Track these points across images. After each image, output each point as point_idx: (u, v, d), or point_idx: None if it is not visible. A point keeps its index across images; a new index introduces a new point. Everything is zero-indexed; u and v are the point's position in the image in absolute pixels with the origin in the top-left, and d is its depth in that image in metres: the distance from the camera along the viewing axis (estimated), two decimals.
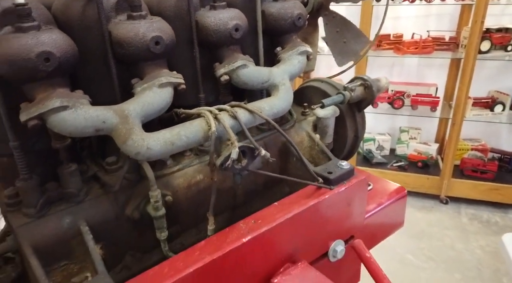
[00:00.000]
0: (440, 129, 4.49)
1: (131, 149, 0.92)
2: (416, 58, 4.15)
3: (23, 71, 0.81)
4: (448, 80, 4.17)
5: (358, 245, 1.06)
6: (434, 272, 3.31)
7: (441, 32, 3.85)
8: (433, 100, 3.97)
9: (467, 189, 3.99)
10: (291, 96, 1.19)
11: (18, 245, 0.95)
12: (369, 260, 1.02)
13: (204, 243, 1.05)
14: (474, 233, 3.75)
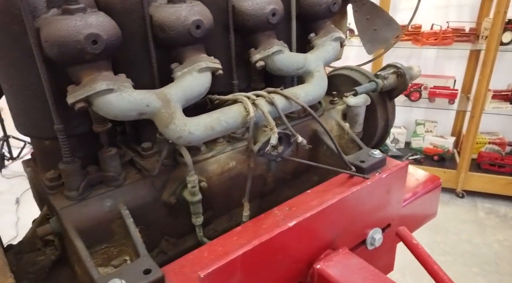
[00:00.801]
0: (456, 122, 4.44)
1: (173, 133, 0.92)
2: (434, 50, 4.10)
3: (71, 53, 0.81)
4: (466, 72, 4.12)
5: (403, 232, 1.06)
6: (451, 265, 3.29)
7: (461, 23, 3.80)
8: (451, 93, 3.92)
9: (484, 183, 3.95)
10: (326, 83, 1.18)
11: (61, 227, 0.96)
12: (417, 246, 1.02)
13: (241, 228, 1.06)
14: (492, 227, 3.72)
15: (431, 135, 4.46)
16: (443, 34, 3.61)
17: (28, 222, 1.09)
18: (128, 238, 1.01)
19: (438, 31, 3.63)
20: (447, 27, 3.74)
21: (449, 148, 4.31)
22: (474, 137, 3.80)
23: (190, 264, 0.94)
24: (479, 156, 4.08)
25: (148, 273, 0.85)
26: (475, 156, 4.09)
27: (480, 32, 3.67)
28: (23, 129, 0.97)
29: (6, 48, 0.86)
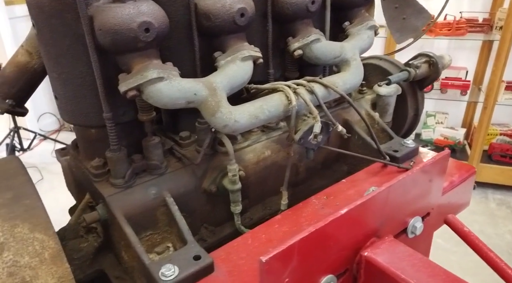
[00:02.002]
0: (467, 113, 4.43)
1: (220, 122, 0.93)
2: (446, 41, 4.08)
3: (125, 41, 0.82)
4: (478, 63, 4.10)
5: (453, 220, 1.07)
6: (464, 255, 3.30)
7: (474, 14, 3.77)
8: (463, 84, 3.90)
9: (495, 174, 3.95)
10: (362, 72, 1.19)
11: (108, 214, 0.97)
12: (469, 234, 1.03)
13: (280, 217, 1.07)
14: (503, 218, 3.73)
15: (441, 127, 4.46)
16: (457, 25, 3.58)
17: (54, 212, 1.10)
18: (171, 225, 1.02)
19: (452, 22, 3.61)
20: (460, 17, 3.72)
21: (460, 139, 4.30)
22: (486, 128, 3.80)
23: (236, 250, 0.95)
24: (490, 147, 4.08)
25: (198, 259, 0.87)
26: (486, 147, 4.09)
27: (494, 23, 3.65)
28: (70, 118, 0.97)
29: (57, 37, 0.86)
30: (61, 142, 4.72)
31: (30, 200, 0.87)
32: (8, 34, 4.49)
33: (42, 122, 5.18)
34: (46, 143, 5.08)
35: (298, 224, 1.03)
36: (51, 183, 4.00)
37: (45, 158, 4.71)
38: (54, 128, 5.41)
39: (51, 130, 5.37)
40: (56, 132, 5.38)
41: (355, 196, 1.12)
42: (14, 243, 0.79)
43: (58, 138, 4.89)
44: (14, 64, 1.15)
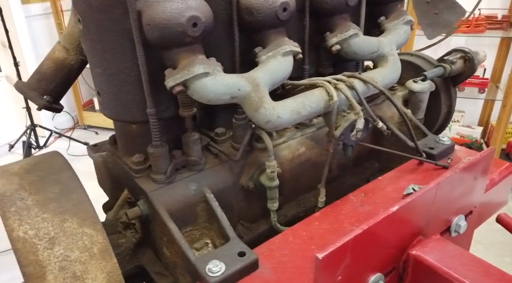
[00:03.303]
0: (484, 112, 4.38)
1: (263, 117, 0.92)
2: (464, 38, 4.03)
3: (173, 35, 0.82)
4: (496, 60, 4.05)
5: (505, 218, 1.05)
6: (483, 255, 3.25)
7: (493, 10, 3.72)
8: (481, 82, 3.86)
9: None
10: (400, 67, 1.17)
11: (150, 209, 0.97)
12: None
13: (320, 214, 1.06)
14: None
15: (458, 125, 4.41)
16: (476, 22, 3.54)
17: None
18: (211, 221, 1.02)
19: (471, 19, 3.56)
20: (479, 14, 3.68)
21: (477, 138, 4.26)
22: (505, 127, 3.75)
23: (278, 247, 0.95)
24: (508, 146, 4.04)
25: (242, 255, 0.86)
26: (504, 146, 4.04)
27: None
28: (112, 113, 0.97)
29: (104, 32, 0.86)
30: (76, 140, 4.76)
31: (77, 194, 0.87)
32: (25, 33, 4.52)
33: (57, 120, 5.21)
34: (61, 141, 5.12)
35: (338, 221, 1.02)
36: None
37: None
38: (68, 126, 5.45)
39: (66, 128, 5.41)
40: (70, 130, 5.42)
41: (393, 193, 1.11)
42: (64, 238, 0.80)
43: (73, 136, 4.93)
44: (51, 61, 1.15)
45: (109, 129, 5.15)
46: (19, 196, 0.83)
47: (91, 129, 5.34)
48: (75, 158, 4.64)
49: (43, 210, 0.82)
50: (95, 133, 5.29)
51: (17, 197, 0.83)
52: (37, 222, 0.80)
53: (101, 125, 5.26)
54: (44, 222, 0.80)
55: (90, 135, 5.21)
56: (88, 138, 4.95)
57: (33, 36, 4.65)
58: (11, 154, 4.76)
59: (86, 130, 5.35)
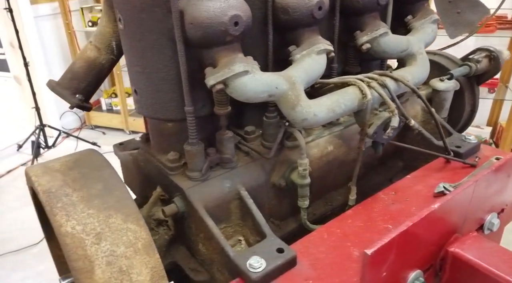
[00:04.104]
0: (493, 112, 4.38)
1: (299, 115, 0.93)
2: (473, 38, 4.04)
3: (215, 34, 0.83)
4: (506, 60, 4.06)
5: None
6: None
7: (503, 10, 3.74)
8: (491, 82, 3.87)
9: None
10: (429, 66, 1.18)
11: (186, 206, 0.98)
12: None
13: (352, 212, 1.07)
14: None
15: None
16: (486, 22, 3.55)
17: None
18: (244, 218, 1.03)
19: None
20: None
21: (486, 138, 4.26)
22: None
23: (313, 245, 0.96)
24: None
25: (281, 252, 0.87)
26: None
27: None
28: (149, 111, 0.99)
29: (145, 31, 0.88)
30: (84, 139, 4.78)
31: (119, 191, 0.88)
32: (34, 33, 4.54)
33: (64, 120, 5.24)
34: (69, 141, 5.13)
35: (371, 219, 1.03)
36: None
37: None
38: (75, 126, 5.46)
39: (73, 128, 5.43)
40: (78, 130, 5.44)
41: (424, 191, 1.12)
42: (110, 233, 0.81)
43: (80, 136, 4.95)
44: (83, 60, 1.16)
45: (116, 130, 5.17)
46: (64, 192, 0.85)
47: (98, 130, 5.35)
48: None
49: (88, 206, 0.83)
50: (102, 133, 5.30)
51: (62, 193, 0.84)
52: (84, 218, 0.81)
53: (108, 125, 5.28)
54: (90, 217, 0.81)
55: (97, 135, 5.22)
56: (96, 138, 4.97)
57: (42, 37, 4.66)
58: (19, 153, 4.78)
59: (94, 130, 5.36)
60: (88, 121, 5.33)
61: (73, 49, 4.73)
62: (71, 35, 4.66)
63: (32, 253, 2.98)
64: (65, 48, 4.82)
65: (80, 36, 4.91)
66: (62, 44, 4.84)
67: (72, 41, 4.69)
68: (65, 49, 4.84)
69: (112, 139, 5.08)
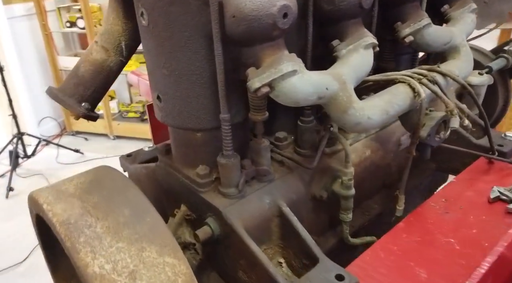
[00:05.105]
0: None
1: (352, 119, 0.82)
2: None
3: (261, 28, 0.70)
4: None
5: None
6: None
7: None
8: None
9: None
10: (472, 59, 1.08)
11: (222, 228, 0.85)
12: None
13: (404, 225, 0.96)
14: None
15: None
16: None
17: None
18: (286, 238, 0.91)
19: None
20: None
21: None
22: None
23: (371, 266, 0.85)
24: None
25: (341, 279, 0.75)
26: None
27: None
28: (176, 120, 0.85)
29: (176, 27, 0.74)
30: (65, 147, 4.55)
31: (150, 217, 0.74)
32: (7, 35, 4.28)
33: (42, 127, 4.99)
34: (49, 149, 4.88)
35: (428, 232, 0.92)
36: None
37: (51, 164, 4.53)
38: (55, 133, 5.22)
39: (52, 135, 5.18)
40: (58, 137, 5.19)
41: (476, 197, 1.02)
42: (145, 271, 0.67)
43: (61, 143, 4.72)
44: (89, 63, 1.01)
45: (99, 135, 4.95)
46: (86, 222, 0.70)
47: (80, 135, 5.12)
48: (66, 166, 4.44)
49: (117, 238, 0.69)
50: (85, 139, 5.08)
51: (84, 224, 0.70)
52: (113, 254, 0.67)
53: (91, 130, 5.05)
54: (120, 252, 0.68)
55: (79, 141, 4.99)
56: (78, 145, 4.74)
57: (16, 39, 4.41)
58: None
59: (75, 136, 5.13)
60: (68, 127, 5.09)
61: (50, 52, 4.49)
62: (48, 36, 4.41)
63: (19, 272, 2.78)
64: (42, 50, 4.57)
65: (57, 37, 4.67)
66: (38, 46, 4.58)
67: (49, 43, 4.45)
68: (42, 52, 4.58)
69: (96, 145, 4.86)
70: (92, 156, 4.58)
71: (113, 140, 4.91)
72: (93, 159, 4.51)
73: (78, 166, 4.39)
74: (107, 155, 4.56)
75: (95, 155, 4.58)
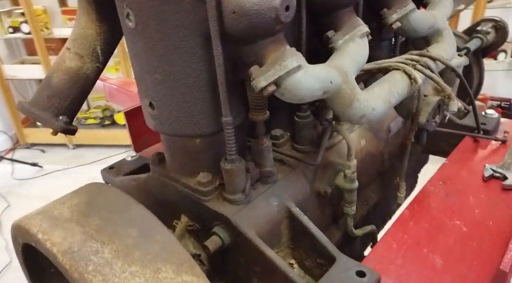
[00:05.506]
0: None
1: (357, 112, 0.79)
2: None
3: (263, 23, 0.65)
4: None
5: None
6: None
7: None
8: None
9: None
10: (455, 41, 1.09)
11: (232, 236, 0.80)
12: None
13: (409, 212, 0.96)
14: None
15: None
16: None
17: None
18: (296, 239, 0.88)
19: None
20: None
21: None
22: None
23: (386, 258, 0.83)
24: None
25: (363, 275, 0.73)
26: None
27: None
28: (173, 127, 0.79)
29: (169, 27, 0.68)
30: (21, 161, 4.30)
31: (160, 234, 0.69)
32: None
33: None
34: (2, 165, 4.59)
35: (434, 217, 0.92)
36: (20, 209, 3.58)
37: (7, 181, 4.26)
38: (7, 147, 4.91)
39: (5, 150, 4.87)
40: (11, 151, 4.89)
41: (472, 177, 1.04)
42: None
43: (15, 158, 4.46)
44: (62, 72, 0.93)
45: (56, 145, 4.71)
46: (91, 249, 0.64)
47: (36, 148, 4.85)
48: (24, 182, 4.19)
49: (129, 261, 0.63)
50: (41, 152, 4.81)
51: (89, 250, 0.63)
52: (127, 279, 0.61)
53: (47, 141, 4.79)
54: (135, 277, 0.62)
55: (35, 154, 4.73)
56: (35, 158, 4.49)
57: None
58: None
59: (30, 149, 4.85)
60: (22, 140, 4.79)
61: None
62: None
63: None
64: None
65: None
66: None
67: None
68: None
69: (54, 156, 4.62)
70: (51, 169, 4.35)
71: (73, 149, 4.69)
72: (53, 171, 4.29)
73: (37, 180, 4.16)
74: (68, 165, 4.35)
75: (55, 167, 4.35)
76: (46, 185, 4.09)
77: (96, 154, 4.42)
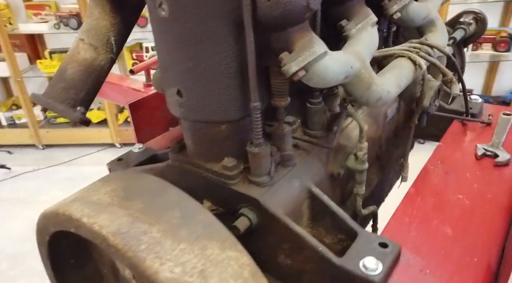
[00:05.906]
0: None
1: (374, 95, 0.85)
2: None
3: (295, 11, 0.69)
4: None
5: None
6: None
7: None
8: None
9: None
10: (446, 30, 1.17)
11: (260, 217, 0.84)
12: None
13: (414, 189, 1.03)
14: None
15: None
16: None
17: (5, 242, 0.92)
18: (317, 218, 0.93)
19: None
20: None
21: None
22: None
23: (400, 232, 0.90)
24: None
25: (385, 246, 0.79)
26: None
27: None
28: (202, 114, 0.82)
29: (201, 16, 0.71)
30: None
31: (201, 214, 0.72)
32: None
33: None
34: None
35: (438, 192, 1.00)
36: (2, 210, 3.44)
37: None
38: None
39: None
40: None
41: (466, 157, 1.12)
42: (213, 268, 0.65)
43: None
44: (77, 63, 0.93)
45: (24, 146, 4.55)
46: (139, 229, 0.66)
47: (2, 149, 4.66)
48: None
49: (177, 240, 0.66)
50: (8, 153, 4.64)
51: (138, 231, 0.66)
52: (178, 256, 0.64)
53: (14, 142, 4.63)
54: (185, 254, 0.65)
55: (2, 156, 4.55)
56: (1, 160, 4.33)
57: None
58: None
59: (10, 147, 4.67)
60: None
61: None
62: None
63: None
64: None
65: None
66: None
67: None
68: None
69: (22, 158, 4.46)
70: (20, 170, 4.21)
71: (42, 150, 4.55)
72: (22, 173, 4.15)
73: (6, 183, 4.01)
74: (39, 166, 4.22)
75: (24, 169, 4.21)
76: (15, 187, 3.95)
77: (68, 154, 4.31)
